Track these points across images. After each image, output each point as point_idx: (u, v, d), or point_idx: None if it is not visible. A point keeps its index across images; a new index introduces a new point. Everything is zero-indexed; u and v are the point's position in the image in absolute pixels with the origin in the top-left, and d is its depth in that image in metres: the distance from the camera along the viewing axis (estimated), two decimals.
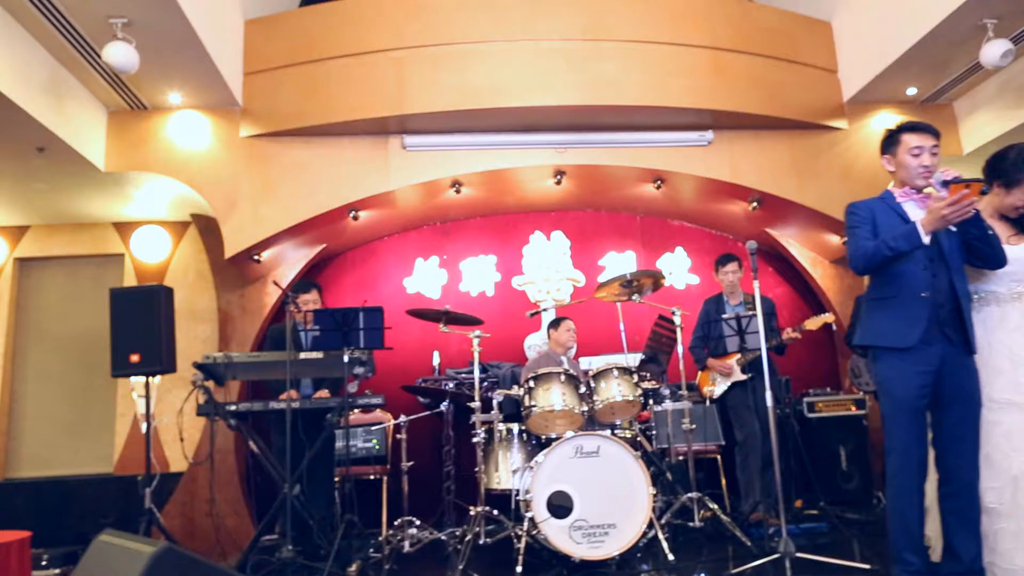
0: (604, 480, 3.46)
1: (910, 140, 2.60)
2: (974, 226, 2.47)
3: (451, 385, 5.09)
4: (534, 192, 5.67)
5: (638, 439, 4.37)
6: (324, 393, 4.28)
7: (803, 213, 5.37)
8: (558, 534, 3.37)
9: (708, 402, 4.78)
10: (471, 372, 4.95)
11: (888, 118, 5.38)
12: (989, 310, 2.62)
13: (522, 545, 3.40)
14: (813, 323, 4.37)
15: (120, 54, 3.80)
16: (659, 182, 5.36)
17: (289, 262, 5.49)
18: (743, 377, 4.48)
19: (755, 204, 5.39)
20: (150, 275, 5.69)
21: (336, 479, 4.51)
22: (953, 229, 2.53)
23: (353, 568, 3.66)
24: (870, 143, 5.31)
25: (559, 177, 5.28)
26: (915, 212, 2.60)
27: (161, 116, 4.87)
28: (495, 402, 3.92)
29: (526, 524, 3.41)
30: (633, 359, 4.45)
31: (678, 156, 5.20)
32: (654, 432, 4.90)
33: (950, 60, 4.78)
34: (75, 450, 5.64)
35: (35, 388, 5.66)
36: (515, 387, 3.94)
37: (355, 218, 5.12)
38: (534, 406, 3.75)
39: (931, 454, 2.46)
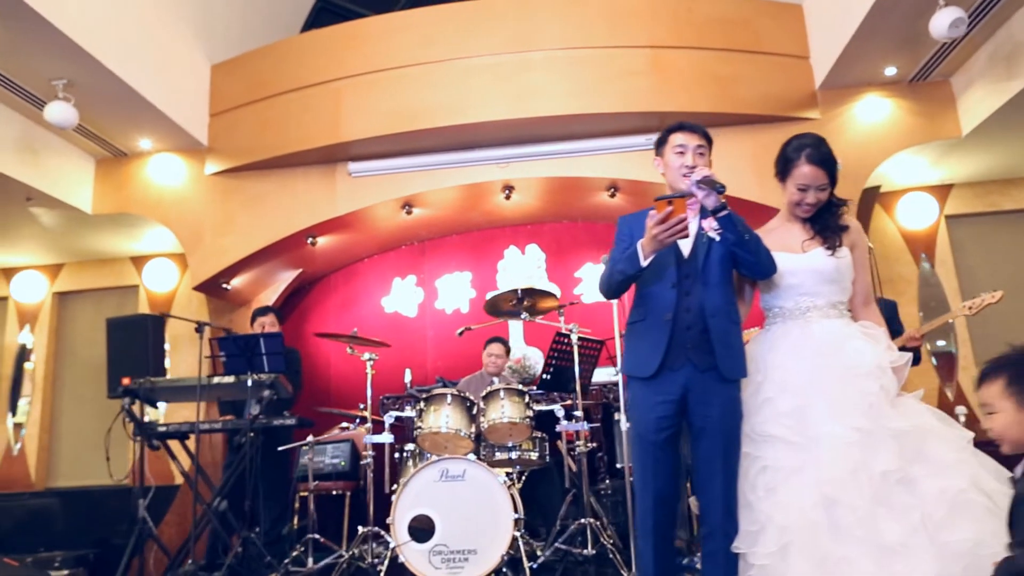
0: (468, 505, 3.39)
1: (675, 138, 2.38)
2: (729, 230, 2.21)
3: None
4: (505, 207, 5.64)
5: (564, 460, 4.25)
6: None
7: (769, 215, 4.95)
8: (418, 558, 3.35)
9: None
10: (431, 389, 5.04)
11: (875, 101, 4.90)
12: (775, 328, 2.32)
13: (384, 568, 3.41)
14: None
15: (58, 112, 4.25)
16: (613, 190, 5.17)
17: (271, 287, 5.82)
18: None
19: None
20: (160, 304, 6.23)
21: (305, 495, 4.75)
22: (716, 238, 2.28)
23: None
24: (847, 131, 4.85)
25: (507, 192, 5.23)
26: None
27: (140, 160, 5.36)
28: (387, 423, 3.95)
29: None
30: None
31: (627, 162, 5.00)
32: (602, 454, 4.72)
33: (919, 33, 4.25)
34: (103, 463, 6.27)
35: (70, 407, 6.36)
36: (407, 407, 3.95)
37: (313, 243, 5.35)
38: (421, 427, 3.75)
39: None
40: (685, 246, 2.29)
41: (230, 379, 4.06)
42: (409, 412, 3.92)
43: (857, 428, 2.05)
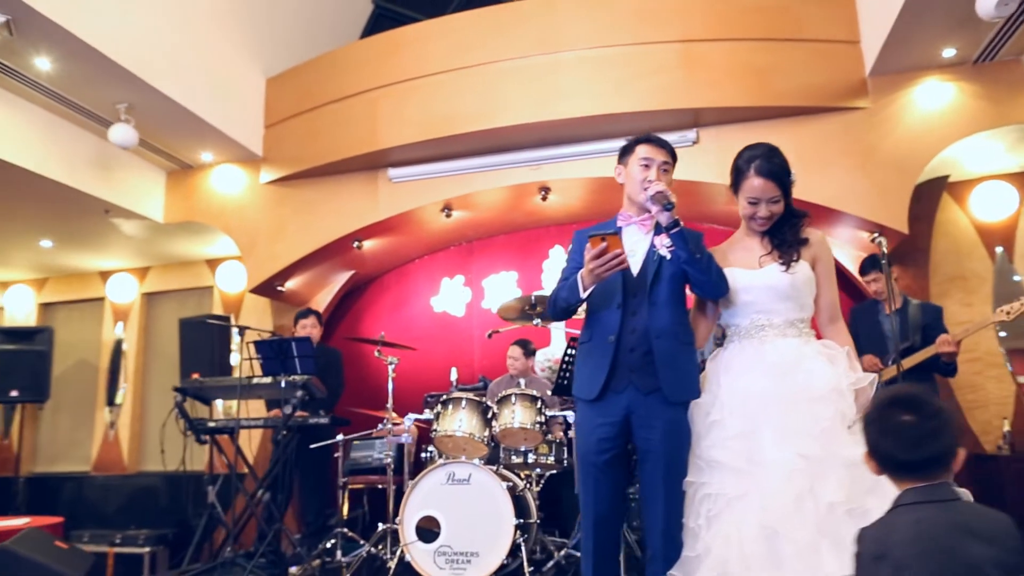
0: (472, 508, 3.48)
1: (642, 150, 2.36)
2: (680, 247, 2.16)
3: None
4: (548, 207, 5.64)
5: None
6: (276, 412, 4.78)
7: (814, 212, 4.69)
8: (424, 557, 3.48)
9: None
10: (475, 387, 5.17)
11: (935, 86, 4.53)
12: (731, 347, 2.24)
13: (393, 565, 3.55)
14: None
15: (120, 134, 4.64)
16: None
17: (326, 288, 6.12)
18: None
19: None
20: (231, 304, 6.68)
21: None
22: (667, 255, 2.22)
23: (295, 570, 4.09)
24: (902, 119, 4.51)
25: (544, 193, 5.22)
26: (635, 236, 2.33)
27: (204, 172, 5.77)
28: (406, 425, 4.08)
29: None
30: None
31: None
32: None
33: (975, 13, 3.90)
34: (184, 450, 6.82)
35: (157, 397, 6.94)
36: (426, 410, 4.07)
37: (359, 247, 5.56)
38: (436, 430, 3.87)
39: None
40: (635, 265, 2.25)
41: (267, 380, 4.33)
42: (428, 415, 4.04)
43: (804, 455, 1.96)
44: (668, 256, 2.21)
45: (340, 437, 4.24)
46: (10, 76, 4.31)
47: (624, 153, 2.40)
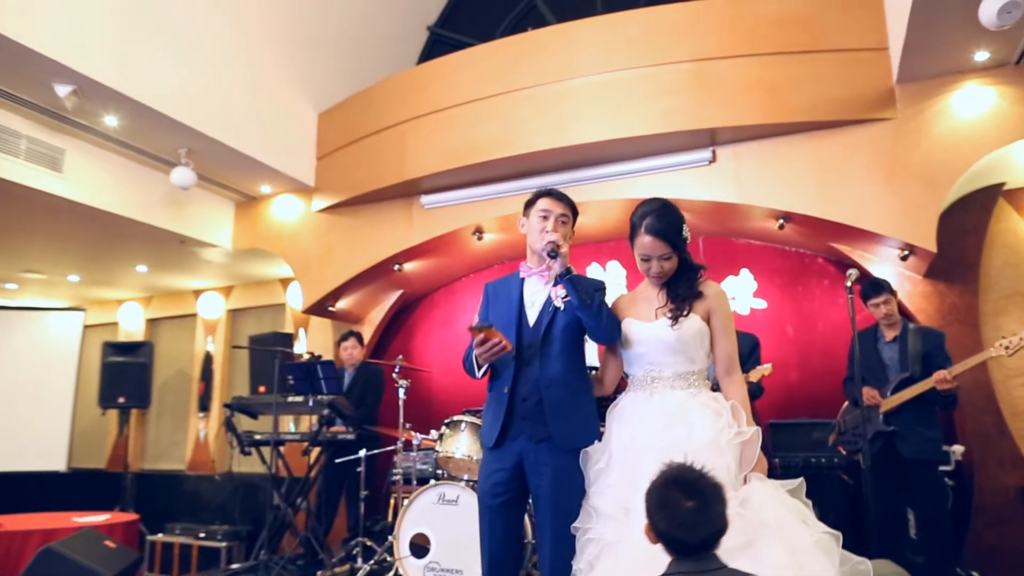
0: (459, 528, 3.67)
1: (541, 203, 2.46)
2: (571, 294, 2.25)
3: None
4: (584, 225, 5.73)
5: None
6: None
7: (834, 231, 4.52)
8: (415, 572, 3.71)
9: None
10: None
11: (975, 91, 4.25)
12: (626, 397, 2.29)
13: None
14: (754, 374, 3.80)
15: (179, 176, 5.21)
16: None
17: (378, 306, 6.52)
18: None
19: (781, 223, 4.70)
20: (300, 321, 7.23)
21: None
22: (562, 306, 2.31)
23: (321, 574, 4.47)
24: (934, 127, 4.26)
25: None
26: (536, 287, 2.43)
27: (265, 202, 6.32)
28: (414, 444, 4.33)
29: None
30: None
31: (682, 180, 4.85)
32: None
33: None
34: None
35: None
36: (432, 431, 4.30)
37: (399, 270, 5.90)
38: (439, 452, 4.09)
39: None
40: (532, 315, 2.36)
41: (299, 399, 4.73)
42: (433, 435, 4.27)
43: None
44: (562, 307, 2.30)
45: (363, 453, 4.57)
46: (87, 132, 4.96)
47: (527, 206, 2.51)
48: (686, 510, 1.50)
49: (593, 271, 6.04)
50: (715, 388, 2.31)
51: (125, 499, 7.25)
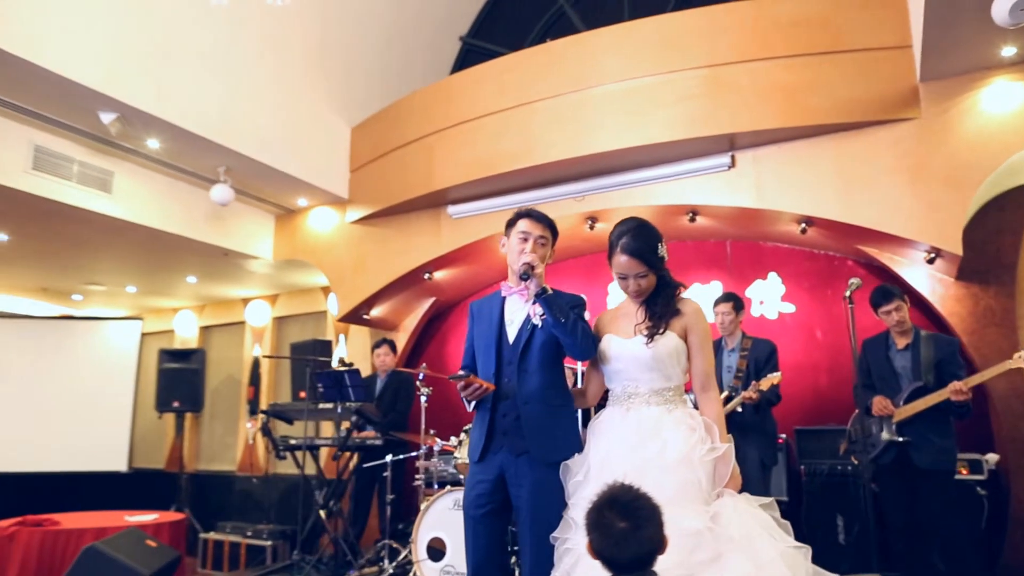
0: None
1: (521, 224, 2.52)
2: (547, 312, 2.31)
3: None
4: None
5: None
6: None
7: (857, 235, 4.43)
8: (431, 575, 3.83)
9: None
10: None
11: (1006, 87, 4.10)
12: (605, 412, 2.33)
13: None
14: (764, 383, 3.77)
15: (218, 193, 5.48)
16: (692, 215, 5.02)
17: (412, 313, 6.69)
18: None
19: (803, 227, 4.64)
20: (341, 328, 7.47)
21: None
22: (539, 323, 2.38)
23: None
24: (959, 127, 4.13)
25: (591, 223, 5.37)
26: (516, 305, 2.49)
27: (303, 214, 6.57)
28: (435, 451, 4.45)
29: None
30: None
31: (702, 186, 4.83)
32: None
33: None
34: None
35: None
36: (452, 438, 4.42)
37: (430, 278, 6.04)
38: (456, 457, 4.21)
39: None
40: (512, 333, 2.43)
41: (329, 405, 4.92)
42: (453, 441, 4.38)
43: None
44: (540, 324, 2.37)
45: (389, 458, 4.72)
46: (132, 154, 5.28)
47: (508, 226, 2.57)
48: (619, 530, 1.56)
49: None
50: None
51: (181, 498, 7.63)
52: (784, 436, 4.87)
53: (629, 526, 1.56)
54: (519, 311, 2.48)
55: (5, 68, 4.02)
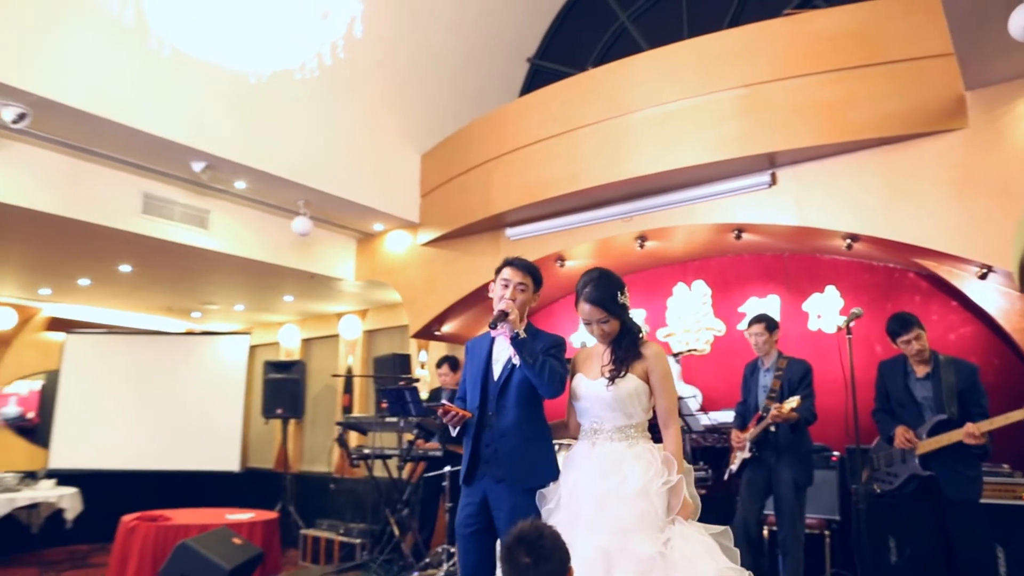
0: None
1: (504, 272, 2.76)
2: (519, 354, 2.53)
3: None
4: (672, 248, 5.87)
5: None
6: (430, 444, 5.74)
7: (900, 251, 4.31)
8: None
9: None
10: None
11: None
12: (576, 446, 2.53)
13: None
14: (786, 405, 3.79)
15: (299, 225, 6.05)
16: (738, 232, 5.04)
17: (481, 328, 7.04)
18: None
19: (849, 243, 4.56)
20: (421, 342, 7.95)
21: None
22: (517, 363, 2.60)
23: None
24: (1011, 135, 3.96)
25: (641, 241, 5.49)
26: (502, 345, 2.71)
27: (380, 237, 7.08)
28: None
29: None
30: None
31: (745, 204, 4.86)
32: None
33: None
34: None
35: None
36: None
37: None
38: None
39: None
40: (496, 371, 2.69)
41: (394, 419, 5.36)
42: None
43: (603, 548, 2.27)
44: (519, 364, 2.60)
45: (447, 469, 5.08)
46: (224, 194, 5.95)
47: (496, 272, 2.82)
48: (523, 564, 1.78)
49: (679, 290, 6.13)
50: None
51: (286, 497, 8.39)
52: (837, 454, 4.81)
53: (531, 561, 1.78)
54: (504, 351, 2.73)
55: (114, 132, 4.71)
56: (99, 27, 4.33)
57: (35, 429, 8.53)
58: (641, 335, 2.56)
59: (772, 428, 4.01)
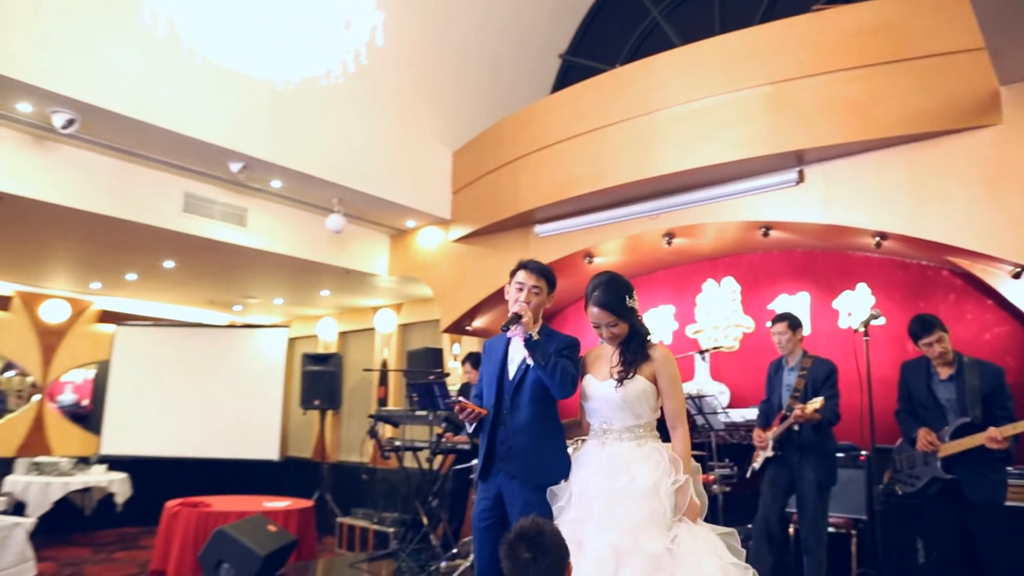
0: None
1: (519, 275, 2.81)
2: (531, 355, 2.59)
3: None
4: (701, 245, 5.86)
5: None
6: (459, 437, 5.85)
7: (929, 249, 4.24)
8: None
9: None
10: None
11: None
12: (586, 445, 2.59)
13: None
14: (809, 406, 3.78)
15: (332, 223, 6.22)
16: (765, 230, 5.02)
17: None
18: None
19: (878, 241, 4.51)
20: (454, 337, 8.07)
21: None
22: (531, 363, 2.66)
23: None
24: None
25: (668, 239, 5.50)
26: (517, 346, 2.78)
27: (412, 234, 7.21)
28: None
29: None
30: None
31: (766, 202, 4.84)
32: None
33: None
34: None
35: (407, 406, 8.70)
36: None
37: None
38: None
39: None
40: (512, 371, 2.76)
41: (424, 412, 5.49)
42: None
43: (614, 545, 2.34)
44: (532, 364, 2.68)
45: (475, 462, 5.19)
46: (261, 192, 6.15)
47: (511, 275, 2.88)
48: (523, 559, 1.86)
49: (708, 287, 6.12)
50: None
51: (323, 486, 8.64)
52: (865, 453, 4.77)
53: (531, 556, 1.86)
54: (519, 351, 2.80)
55: (156, 136, 4.93)
56: (141, 39, 4.52)
57: (88, 416, 8.94)
58: (649, 337, 2.61)
59: (795, 427, 4.01)
